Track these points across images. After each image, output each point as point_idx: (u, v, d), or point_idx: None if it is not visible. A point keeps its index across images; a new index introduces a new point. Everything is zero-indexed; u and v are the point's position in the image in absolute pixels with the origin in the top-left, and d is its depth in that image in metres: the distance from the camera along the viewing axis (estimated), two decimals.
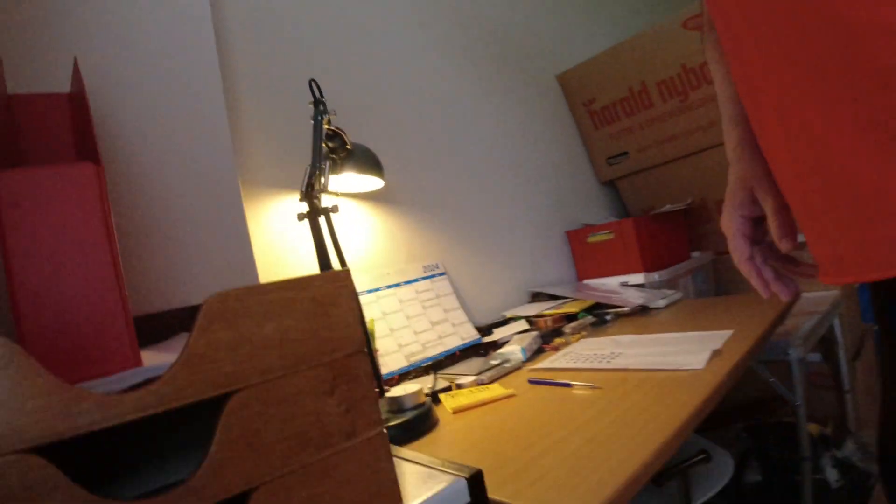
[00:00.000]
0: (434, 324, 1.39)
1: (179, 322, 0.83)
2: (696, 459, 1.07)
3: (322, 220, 0.96)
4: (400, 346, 1.29)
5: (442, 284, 1.47)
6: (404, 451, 0.63)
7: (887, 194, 0.51)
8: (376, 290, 1.32)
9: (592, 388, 0.95)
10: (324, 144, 1.03)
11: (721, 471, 1.14)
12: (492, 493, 0.60)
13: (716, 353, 0.98)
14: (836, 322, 1.69)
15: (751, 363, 1.33)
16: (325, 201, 1.16)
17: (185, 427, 0.45)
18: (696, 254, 2.02)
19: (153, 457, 0.44)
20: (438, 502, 0.50)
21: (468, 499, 0.53)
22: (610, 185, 2.30)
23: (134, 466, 0.43)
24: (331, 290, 0.45)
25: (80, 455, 0.40)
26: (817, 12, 0.50)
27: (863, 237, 0.56)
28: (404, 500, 0.49)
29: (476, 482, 0.53)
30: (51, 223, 0.50)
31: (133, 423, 0.38)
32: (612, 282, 1.80)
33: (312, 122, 0.99)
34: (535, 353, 1.30)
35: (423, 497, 0.50)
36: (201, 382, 0.38)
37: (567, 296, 1.66)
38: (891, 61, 0.48)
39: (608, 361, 1.07)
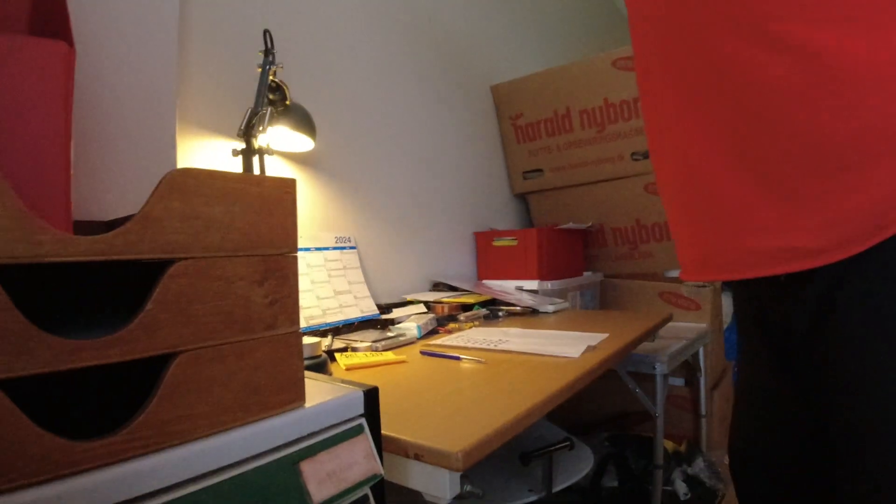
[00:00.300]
0: (337, 293, 1.43)
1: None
2: (561, 444, 1.17)
3: (255, 160, 0.99)
4: (301, 307, 1.32)
5: (351, 257, 1.52)
6: (307, 373, 0.68)
7: (745, 212, 0.64)
8: None
9: (478, 362, 1.03)
10: (266, 95, 1.06)
11: (582, 463, 1.25)
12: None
13: (590, 348, 1.08)
14: (702, 352, 1.88)
15: (618, 366, 1.47)
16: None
17: (124, 298, 0.48)
18: (588, 273, 2.18)
19: (92, 315, 0.47)
20: (336, 406, 0.55)
21: (362, 410, 0.58)
22: (521, 197, 2.43)
23: (73, 320, 0.46)
24: (278, 193, 0.50)
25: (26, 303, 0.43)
26: (712, 68, 0.62)
27: (725, 244, 0.69)
28: (307, 398, 0.54)
29: (371, 397, 0.59)
30: (15, 90, 0.52)
31: (82, 269, 0.41)
32: (509, 284, 1.91)
33: (260, 69, 1.02)
34: (430, 332, 1.37)
35: (324, 399, 0.55)
36: (150, 243, 0.42)
37: (466, 289, 1.75)
38: (759, 108, 0.59)
39: (495, 345, 1.16)
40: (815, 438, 0.74)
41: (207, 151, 1.19)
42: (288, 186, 0.51)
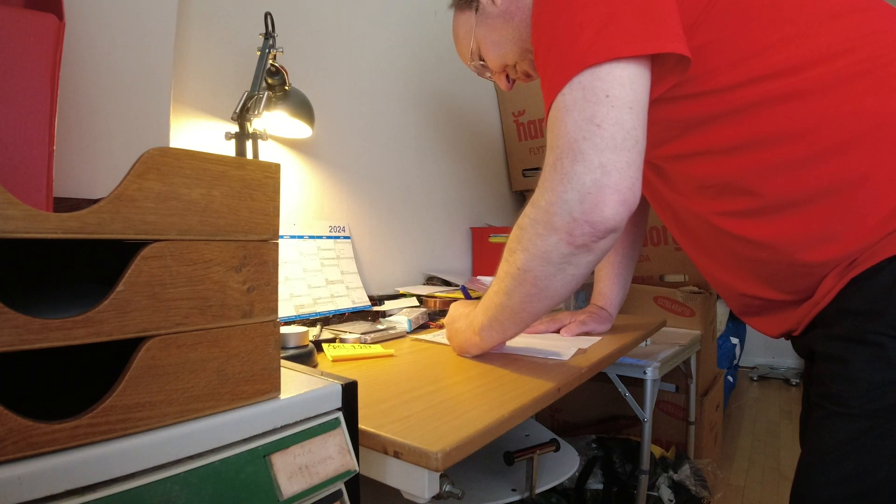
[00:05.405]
0: (329, 282, 1.42)
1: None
2: (546, 446, 1.16)
3: (248, 144, 0.98)
4: (291, 295, 1.31)
5: (344, 247, 1.51)
6: (287, 363, 0.67)
7: (718, 283, 0.97)
8: (280, 236, 1.34)
9: (465, 359, 1.02)
10: (265, 79, 1.04)
11: (567, 464, 1.24)
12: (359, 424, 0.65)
13: (581, 351, 1.07)
14: (693, 359, 1.87)
15: (609, 370, 1.46)
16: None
17: (96, 281, 0.47)
18: None
19: (62, 298, 0.46)
20: (311, 399, 0.54)
21: (339, 404, 0.57)
22: (520, 195, 2.42)
23: (50, 299, 0.45)
24: (260, 177, 0.48)
25: None
26: (714, 230, 0.88)
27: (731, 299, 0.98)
28: (283, 389, 0.53)
29: (349, 391, 0.58)
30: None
31: (62, 247, 0.40)
32: None
33: (259, 52, 1.01)
34: (421, 327, 1.36)
35: (300, 391, 0.54)
36: (124, 222, 0.40)
37: (460, 284, 1.74)
38: (741, 253, 0.85)
39: None
40: None
41: (201, 133, 1.18)
42: (271, 170, 0.49)
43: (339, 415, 0.57)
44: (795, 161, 0.74)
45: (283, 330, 0.97)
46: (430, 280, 1.82)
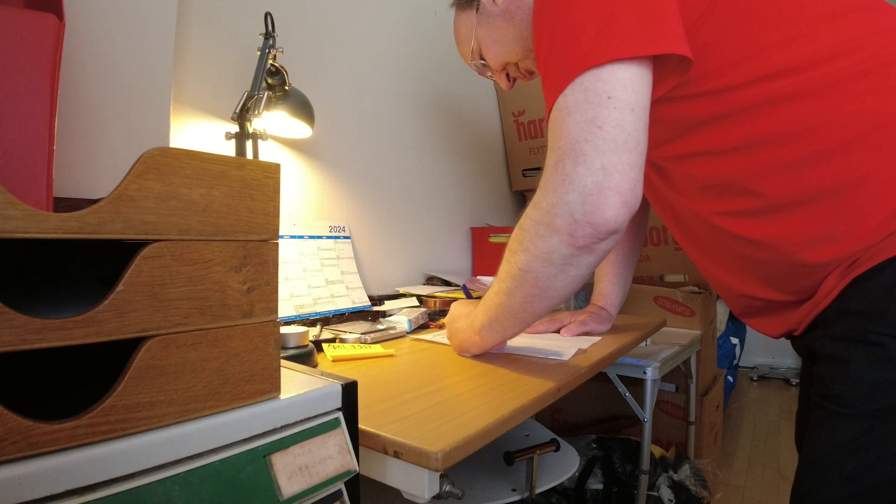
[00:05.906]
0: (329, 282, 1.42)
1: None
2: (546, 445, 1.16)
3: (248, 144, 0.98)
4: (291, 295, 1.31)
5: (344, 247, 1.51)
6: (287, 363, 0.67)
7: (719, 284, 0.97)
8: (280, 236, 1.34)
9: (465, 359, 1.02)
10: (265, 79, 1.04)
11: (567, 464, 1.24)
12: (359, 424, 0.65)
13: (581, 351, 1.07)
14: (693, 359, 1.87)
15: (609, 370, 1.46)
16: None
17: (96, 281, 0.47)
18: None
19: (62, 298, 0.46)
20: (312, 398, 0.54)
21: (339, 404, 0.57)
22: (520, 195, 2.42)
23: (50, 299, 0.45)
24: (260, 177, 0.48)
25: None
26: (715, 230, 0.88)
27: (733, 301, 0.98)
28: (283, 389, 0.53)
29: (349, 391, 0.58)
30: None
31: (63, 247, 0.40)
32: None
33: (259, 52, 1.01)
34: (421, 327, 1.36)
35: (300, 391, 0.54)
36: (124, 223, 0.40)
37: (460, 284, 1.74)
38: (742, 253, 0.85)
39: None
40: None
41: (201, 133, 1.18)
42: (271, 170, 0.49)
43: (339, 415, 0.57)
44: (796, 161, 0.74)
45: (283, 330, 0.97)
46: (430, 280, 1.82)
